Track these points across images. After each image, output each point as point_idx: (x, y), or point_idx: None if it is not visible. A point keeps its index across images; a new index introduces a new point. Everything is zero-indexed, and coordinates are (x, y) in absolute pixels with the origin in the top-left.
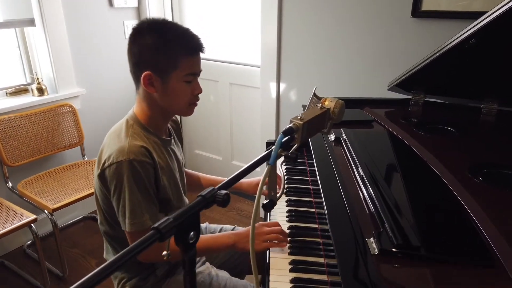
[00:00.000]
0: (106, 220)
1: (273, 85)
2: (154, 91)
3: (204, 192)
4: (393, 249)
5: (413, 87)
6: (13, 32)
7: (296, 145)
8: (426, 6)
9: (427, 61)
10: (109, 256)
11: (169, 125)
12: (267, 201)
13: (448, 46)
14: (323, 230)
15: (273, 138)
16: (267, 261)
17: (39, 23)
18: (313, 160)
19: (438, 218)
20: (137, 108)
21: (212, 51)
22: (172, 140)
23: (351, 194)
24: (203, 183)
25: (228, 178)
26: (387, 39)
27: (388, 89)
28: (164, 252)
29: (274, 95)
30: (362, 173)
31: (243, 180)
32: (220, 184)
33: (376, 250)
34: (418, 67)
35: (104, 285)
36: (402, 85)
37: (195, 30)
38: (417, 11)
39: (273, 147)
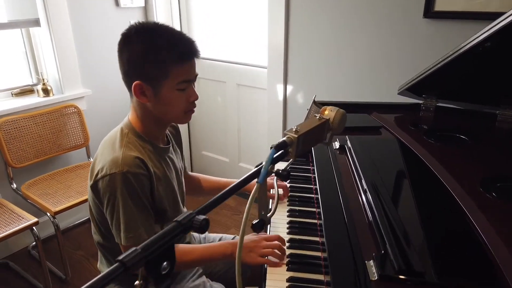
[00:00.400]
0: (99, 230)
1: (280, 87)
2: (147, 100)
3: (180, 217)
4: (394, 275)
5: (424, 91)
6: (19, 32)
7: (291, 159)
8: (439, 6)
9: (440, 64)
10: (103, 267)
11: (167, 132)
12: (256, 221)
13: (463, 49)
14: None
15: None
16: (264, 277)
17: (44, 24)
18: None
19: (446, 238)
20: (131, 115)
21: (220, 52)
22: (170, 148)
23: (353, 210)
24: (203, 185)
25: (213, 198)
26: (397, 41)
27: (398, 93)
28: (136, 282)
29: (281, 97)
30: (365, 187)
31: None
32: (199, 207)
33: (376, 275)
34: (430, 70)
35: None
36: (413, 89)
37: (202, 30)
38: (429, 12)
39: (263, 163)
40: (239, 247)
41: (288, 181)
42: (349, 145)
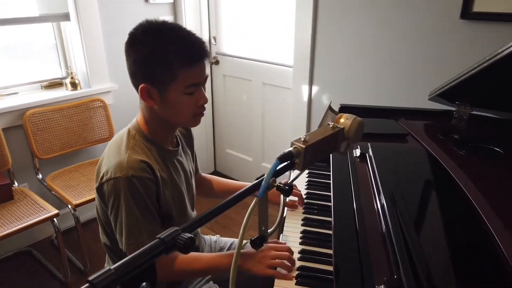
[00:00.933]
0: (106, 232)
1: (305, 88)
2: (154, 103)
3: (164, 234)
4: None
5: (458, 98)
6: (51, 26)
7: (299, 172)
8: (478, 6)
9: (477, 69)
10: None
11: (177, 133)
12: (255, 237)
13: (502, 54)
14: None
15: None
16: None
17: (73, 18)
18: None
19: (471, 266)
20: (140, 117)
21: (246, 49)
22: (179, 150)
23: (368, 227)
24: (215, 188)
25: (204, 214)
26: (432, 43)
27: (429, 99)
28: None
29: (306, 98)
30: (383, 201)
31: None
32: (185, 224)
33: None
34: (466, 76)
35: None
36: (445, 95)
37: (230, 27)
38: (467, 13)
39: (265, 175)
40: (233, 267)
41: (306, 187)
42: (371, 153)
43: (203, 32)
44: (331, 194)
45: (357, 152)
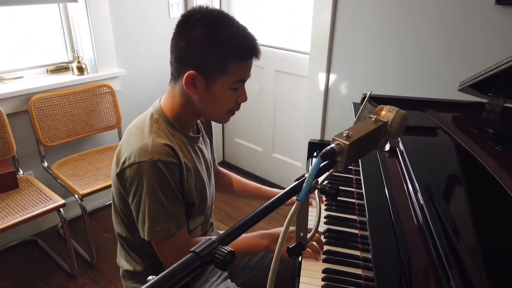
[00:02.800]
0: (122, 222)
1: (322, 76)
2: (195, 93)
3: (199, 247)
4: None
5: (491, 89)
6: (57, 7)
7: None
8: None
9: None
10: (122, 262)
11: (198, 120)
12: (293, 244)
13: None
14: (367, 259)
15: (318, 136)
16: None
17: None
18: (360, 167)
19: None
20: (166, 101)
21: (259, 34)
22: (200, 138)
23: (406, 231)
24: (234, 186)
25: (242, 221)
26: (463, 30)
27: (459, 90)
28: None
29: (322, 87)
30: (422, 201)
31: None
32: (222, 234)
33: None
34: (504, 66)
35: None
36: (477, 86)
37: (241, 10)
38: None
39: (306, 175)
40: (271, 279)
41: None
42: (402, 148)
43: None
44: (363, 192)
45: (386, 147)
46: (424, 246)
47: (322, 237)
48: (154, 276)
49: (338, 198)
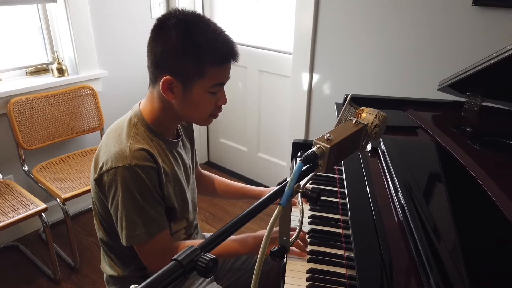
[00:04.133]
0: (103, 226)
1: (305, 76)
2: (173, 97)
3: (181, 255)
4: None
5: (469, 88)
6: (35, 8)
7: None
8: None
9: (495, 60)
10: (105, 268)
11: (179, 124)
12: (276, 248)
13: None
14: (350, 259)
15: (302, 136)
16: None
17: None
18: (342, 166)
19: (493, 266)
20: (145, 105)
21: (242, 34)
22: (180, 142)
23: (388, 230)
24: (217, 187)
25: (224, 227)
26: (441, 30)
27: (438, 89)
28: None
29: (306, 86)
30: (402, 201)
31: (263, 189)
32: (204, 242)
33: None
34: (481, 66)
35: None
36: (456, 85)
37: (224, 10)
38: None
39: (288, 179)
40: (255, 277)
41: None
42: (383, 147)
43: None
44: (346, 191)
45: (368, 147)
46: (405, 245)
47: (306, 237)
48: (137, 286)
49: (322, 197)
